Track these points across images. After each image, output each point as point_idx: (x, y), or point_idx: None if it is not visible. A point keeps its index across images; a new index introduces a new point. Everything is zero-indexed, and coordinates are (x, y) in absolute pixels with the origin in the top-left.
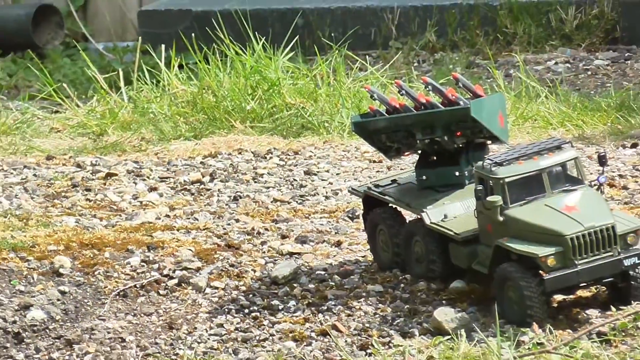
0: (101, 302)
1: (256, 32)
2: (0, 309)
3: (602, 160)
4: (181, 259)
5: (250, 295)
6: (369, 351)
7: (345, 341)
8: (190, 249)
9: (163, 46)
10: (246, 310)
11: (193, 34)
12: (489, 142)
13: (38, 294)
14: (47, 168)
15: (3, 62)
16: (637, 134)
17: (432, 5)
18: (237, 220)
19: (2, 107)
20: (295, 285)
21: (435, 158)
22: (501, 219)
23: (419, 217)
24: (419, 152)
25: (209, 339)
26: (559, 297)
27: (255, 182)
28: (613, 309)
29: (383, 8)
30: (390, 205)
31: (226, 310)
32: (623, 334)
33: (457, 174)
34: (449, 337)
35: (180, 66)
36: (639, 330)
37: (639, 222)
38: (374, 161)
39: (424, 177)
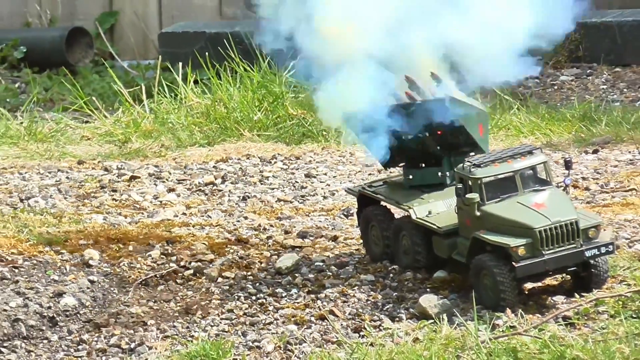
0: (125, 290)
1: (262, 51)
2: (37, 296)
3: (567, 165)
4: (196, 252)
5: (257, 284)
6: (362, 333)
7: (341, 325)
8: (204, 243)
9: (180, 64)
10: (253, 297)
11: (207, 53)
12: (470, 149)
13: (70, 283)
14: (78, 171)
15: (40, 78)
16: (598, 142)
17: None
18: (246, 218)
19: (39, 118)
20: (296, 275)
21: (420, 161)
22: (478, 214)
23: (406, 213)
24: (406, 157)
25: (220, 322)
26: (529, 285)
27: (261, 183)
28: (577, 295)
29: None
30: (381, 203)
31: (236, 297)
32: (585, 317)
33: (439, 174)
34: (433, 321)
35: (196, 81)
36: (599, 315)
37: (599, 219)
38: (366, 165)
39: (411, 177)
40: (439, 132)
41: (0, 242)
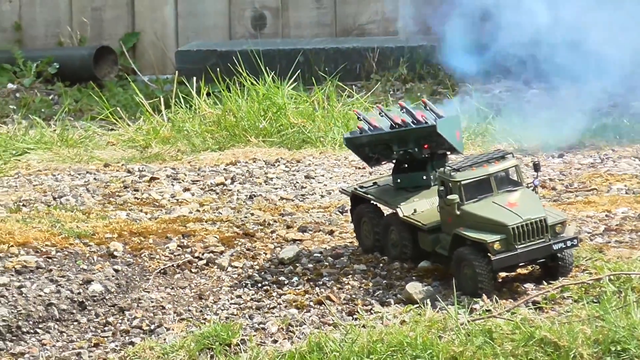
0: (146, 278)
1: (267, 67)
2: (68, 283)
3: (536, 167)
4: (208, 244)
5: (262, 273)
6: (355, 316)
7: (337, 309)
8: (215, 237)
9: (194, 78)
10: (259, 285)
11: (218, 69)
12: (448, 153)
13: (97, 272)
14: (104, 173)
15: (71, 91)
16: (563, 147)
17: (404, 47)
18: (252, 214)
19: (70, 126)
20: (297, 265)
21: (407, 165)
22: (458, 213)
23: (394, 211)
24: (394, 161)
25: (230, 307)
26: (503, 274)
27: (266, 184)
28: (545, 283)
29: (366, 48)
30: (372, 202)
31: (243, 284)
32: (552, 302)
33: (424, 177)
34: (418, 305)
35: (208, 94)
36: (564, 300)
37: (565, 216)
38: (359, 168)
39: (399, 180)
40: (425, 146)
41: (36, 235)
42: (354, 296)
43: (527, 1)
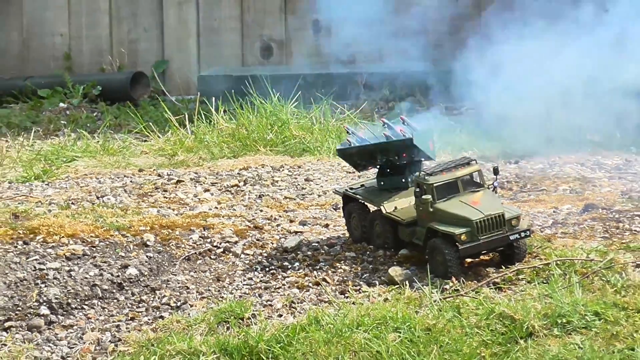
0: (173, 263)
1: (273, 89)
2: (109, 267)
3: (495, 172)
4: (225, 236)
5: (269, 259)
6: (346, 295)
7: (331, 289)
8: (230, 229)
9: (213, 98)
10: (267, 269)
11: (233, 91)
12: (423, 160)
13: (133, 258)
14: (138, 177)
15: (111, 109)
16: (518, 155)
17: (386, 72)
18: (261, 211)
19: (110, 138)
20: (298, 252)
21: (388, 171)
22: (431, 210)
23: (378, 208)
24: (378, 167)
25: (242, 287)
26: (468, 260)
27: (272, 185)
28: (503, 267)
29: (355, 74)
30: (360, 201)
31: (254, 268)
32: (509, 283)
33: (403, 180)
34: (398, 286)
35: (225, 111)
36: (519, 281)
37: (519, 211)
38: (349, 173)
39: (382, 183)
40: (404, 155)
41: (82, 228)
42: (345, 278)
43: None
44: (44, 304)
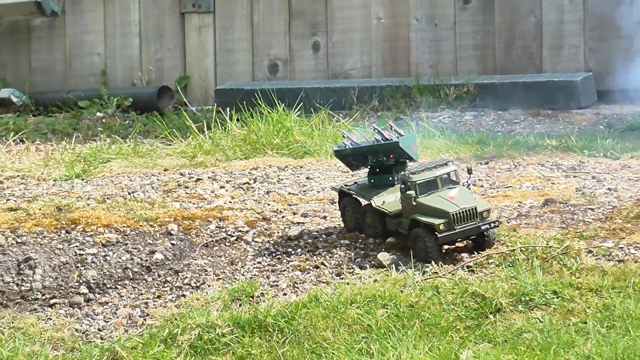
0: (194, 249)
1: (279, 101)
2: (138, 252)
3: (469, 171)
4: (238, 226)
5: (276, 246)
6: (341, 277)
7: (329, 271)
8: (242, 220)
9: (228, 109)
10: (273, 254)
11: (244, 102)
12: (408, 161)
13: (159, 245)
14: (164, 176)
15: (141, 118)
16: (488, 157)
17: (376, 86)
18: (269, 204)
19: (140, 142)
20: (300, 240)
21: (378, 170)
22: (414, 203)
23: (369, 202)
24: (369, 167)
25: (252, 270)
26: (446, 247)
27: (278, 183)
28: (475, 253)
29: (349, 87)
30: (353, 196)
31: (262, 254)
32: (481, 266)
33: (390, 178)
34: (386, 269)
35: (237, 119)
36: (489, 265)
37: (489, 205)
38: (344, 172)
39: (372, 180)
40: (391, 156)
41: (116, 219)
42: (340, 262)
43: None
44: (83, 284)
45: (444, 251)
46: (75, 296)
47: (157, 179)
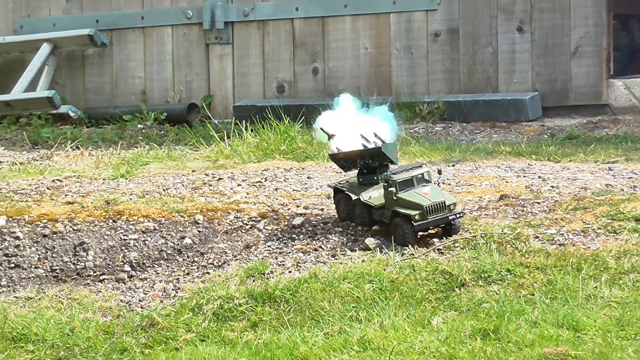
0: (216, 235)
1: (285, 114)
2: (171, 238)
3: (439, 172)
4: (252, 216)
5: (283, 233)
6: (336, 257)
7: (325, 253)
8: (256, 212)
9: (244, 121)
10: (281, 239)
11: (257, 116)
12: (389, 164)
13: (188, 232)
14: (192, 176)
15: (173, 129)
16: (454, 160)
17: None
18: (277, 199)
19: (172, 149)
20: (303, 228)
21: (365, 171)
22: (395, 198)
23: (358, 197)
24: (359, 168)
25: (264, 252)
26: (420, 233)
27: (285, 182)
28: (444, 238)
29: None
30: (345, 192)
31: (272, 239)
32: (448, 249)
33: (375, 178)
34: (372, 251)
35: (251, 130)
36: (455, 248)
37: (455, 200)
38: (338, 172)
39: (360, 179)
40: (376, 159)
41: (153, 211)
42: (335, 246)
43: None
44: (127, 263)
45: (418, 237)
46: (120, 273)
47: (187, 179)
